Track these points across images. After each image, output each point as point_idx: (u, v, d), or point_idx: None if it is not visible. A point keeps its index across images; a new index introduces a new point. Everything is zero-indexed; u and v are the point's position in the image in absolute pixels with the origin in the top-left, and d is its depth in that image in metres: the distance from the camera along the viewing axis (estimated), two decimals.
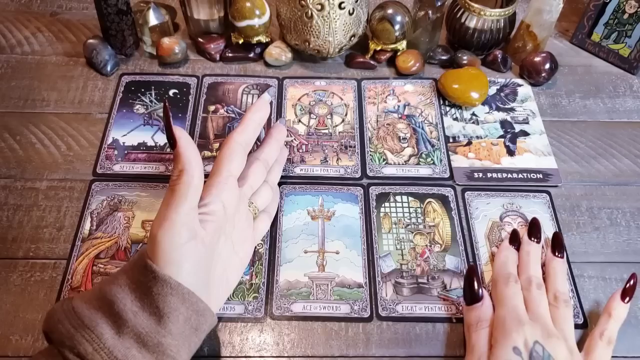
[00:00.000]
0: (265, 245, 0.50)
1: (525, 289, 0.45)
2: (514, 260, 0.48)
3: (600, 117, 0.62)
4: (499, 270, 0.47)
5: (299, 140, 0.58)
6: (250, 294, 0.47)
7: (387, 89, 0.63)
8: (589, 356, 0.42)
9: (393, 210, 0.53)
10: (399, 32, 0.62)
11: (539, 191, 0.55)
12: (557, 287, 0.45)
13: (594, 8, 0.66)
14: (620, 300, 0.44)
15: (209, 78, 0.64)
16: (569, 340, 0.41)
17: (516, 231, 0.50)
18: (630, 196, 0.55)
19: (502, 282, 0.45)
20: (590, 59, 0.68)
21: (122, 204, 0.52)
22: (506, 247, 0.49)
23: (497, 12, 0.62)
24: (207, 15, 0.65)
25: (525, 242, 0.49)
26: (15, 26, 0.69)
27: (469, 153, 0.58)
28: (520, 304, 0.43)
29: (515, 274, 0.46)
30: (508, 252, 0.48)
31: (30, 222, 0.51)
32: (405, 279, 0.48)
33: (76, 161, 0.55)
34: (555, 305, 0.44)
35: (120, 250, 0.49)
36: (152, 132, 0.58)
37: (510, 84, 0.64)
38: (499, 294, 0.45)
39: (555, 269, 0.47)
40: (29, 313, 0.45)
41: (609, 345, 0.42)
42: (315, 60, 0.66)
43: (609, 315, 0.43)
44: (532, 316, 0.42)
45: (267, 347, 0.45)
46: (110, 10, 0.60)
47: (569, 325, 0.43)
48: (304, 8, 0.58)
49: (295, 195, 0.54)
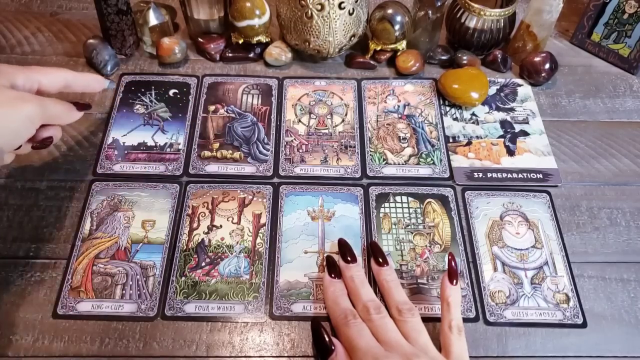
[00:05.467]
0: (265, 245, 0.50)
1: (366, 319, 0.42)
2: (343, 291, 0.45)
3: (600, 117, 0.62)
4: (333, 311, 0.44)
5: (299, 140, 0.58)
6: (250, 294, 0.47)
7: (387, 89, 0.63)
8: (449, 354, 0.41)
9: (393, 210, 0.53)
10: (399, 32, 0.62)
11: (539, 191, 0.55)
12: (395, 299, 0.44)
13: (593, 8, 0.66)
14: (450, 284, 0.43)
15: (209, 78, 0.64)
16: (429, 352, 0.40)
17: (330, 258, 0.47)
18: (630, 196, 0.55)
19: (342, 323, 0.42)
20: (590, 59, 0.68)
21: (122, 204, 0.52)
22: (329, 282, 0.46)
23: (497, 12, 0.62)
24: (207, 15, 0.65)
25: (344, 267, 0.47)
26: (15, 26, 0.69)
27: (469, 153, 0.58)
28: (370, 340, 0.41)
29: (351, 308, 0.43)
30: (334, 287, 0.45)
31: (31, 222, 0.51)
32: (405, 280, 0.48)
33: (76, 161, 0.55)
34: (401, 319, 0.42)
35: (120, 250, 0.49)
36: (152, 132, 0.58)
37: (510, 84, 0.64)
38: (344, 338, 0.42)
39: (387, 280, 0.46)
40: (29, 313, 0.45)
41: (461, 333, 0.41)
42: (315, 60, 0.66)
43: (447, 304, 0.43)
44: (385, 346, 0.40)
45: (267, 347, 0.45)
46: (110, 10, 0.60)
47: (422, 335, 0.41)
48: (304, 8, 0.58)
49: (295, 196, 0.54)
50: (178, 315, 0.46)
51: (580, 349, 0.45)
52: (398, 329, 0.42)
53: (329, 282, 0.46)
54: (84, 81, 0.51)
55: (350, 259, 0.47)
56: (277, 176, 0.55)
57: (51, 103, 0.46)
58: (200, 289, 0.47)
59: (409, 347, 0.40)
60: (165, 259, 0.49)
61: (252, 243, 0.50)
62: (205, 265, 0.49)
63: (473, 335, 0.46)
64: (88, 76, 0.52)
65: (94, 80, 0.51)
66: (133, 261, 0.49)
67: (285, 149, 0.57)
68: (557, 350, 0.45)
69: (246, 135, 0.58)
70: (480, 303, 0.47)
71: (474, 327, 0.46)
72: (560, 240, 0.51)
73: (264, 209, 0.52)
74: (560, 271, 0.49)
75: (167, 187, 0.54)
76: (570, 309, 0.47)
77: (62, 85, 0.48)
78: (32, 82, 0.45)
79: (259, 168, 0.56)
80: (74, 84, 0.49)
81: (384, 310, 0.43)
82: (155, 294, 0.47)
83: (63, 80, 0.48)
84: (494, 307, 0.47)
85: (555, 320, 0.46)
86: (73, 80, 0.49)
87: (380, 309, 0.43)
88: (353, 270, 0.46)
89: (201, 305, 0.46)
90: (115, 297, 0.47)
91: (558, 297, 0.48)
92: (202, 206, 0.52)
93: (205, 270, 0.48)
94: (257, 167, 0.56)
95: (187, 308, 0.46)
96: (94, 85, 0.52)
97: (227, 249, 0.50)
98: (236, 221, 0.52)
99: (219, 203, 0.53)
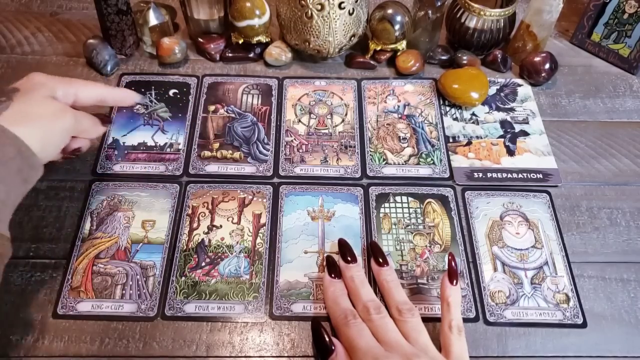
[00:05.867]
0: (265, 245, 0.50)
1: (366, 319, 0.42)
2: (343, 291, 0.45)
3: (600, 117, 0.62)
4: (333, 312, 0.44)
5: (299, 140, 0.58)
6: (250, 294, 0.47)
7: (387, 89, 0.63)
8: (449, 354, 0.41)
9: (393, 210, 0.53)
10: (399, 32, 0.62)
11: (539, 191, 0.55)
12: (395, 299, 0.44)
13: (594, 8, 0.66)
14: (450, 285, 0.43)
15: (209, 78, 0.64)
16: (429, 352, 0.40)
17: (330, 258, 0.47)
18: (630, 196, 0.55)
19: (342, 323, 0.42)
20: (590, 59, 0.68)
21: (122, 204, 0.52)
22: (329, 282, 0.46)
23: (497, 12, 0.62)
24: (207, 15, 0.65)
25: (344, 267, 0.47)
26: (15, 26, 0.69)
27: (469, 153, 0.58)
28: (370, 340, 0.41)
29: (351, 308, 0.44)
30: (334, 287, 0.45)
31: (31, 222, 0.51)
32: (405, 280, 0.48)
33: (76, 161, 0.55)
34: (401, 319, 0.42)
35: (120, 250, 0.49)
36: (152, 132, 0.58)
37: (510, 84, 0.64)
38: (344, 338, 0.42)
39: (387, 280, 0.46)
40: (29, 313, 0.45)
41: (460, 333, 0.42)
42: (315, 60, 0.66)
43: (447, 304, 0.43)
44: (385, 346, 0.40)
45: (267, 347, 0.45)
46: (110, 10, 0.60)
47: (423, 335, 0.42)
48: (304, 8, 0.58)
49: (295, 196, 0.54)
50: (178, 315, 0.46)
51: (580, 349, 0.45)
52: (398, 329, 0.42)
53: (329, 282, 0.46)
54: (118, 96, 0.53)
55: (350, 259, 0.47)
56: (277, 176, 0.55)
57: (83, 117, 0.47)
58: (200, 289, 0.47)
59: (409, 347, 0.40)
60: (165, 259, 0.49)
61: (252, 243, 0.50)
62: (205, 265, 0.49)
63: (473, 335, 0.46)
64: (122, 92, 0.54)
65: (127, 95, 0.53)
66: (133, 261, 0.49)
67: (285, 149, 0.57)
68: (557, 350, 0.45)
69: (246, 135, 0.58)
70: (480, 303, 0.47)
71: (474, 327, 0.46)
72: (560, 240, 0.51)
73: (264, 209, 0.52)
74: (560, 271, 0.49)
75: (167, 187, 0.54)
76: (570, 309, 0.47)
77: (97, 100, 0.49)
78: (70, 95, 0.46)
79: (259, 168, 0.56)
80: (108, 98, 0.51)
81: (384, 310, 0.43)
82: (155, 294, 0.47)
83: (99, 95, 0.49)
84: (494, 307, 0.47)
85: (555, 320, 0.46)
86: (108, 95, 0.50)
87: (380, 309, 0.43)
88: (353, 270, 0.46)
89: (201, 305, 0.46)
90: (115, 297, 0.47)
91: (558, 297, 0.48)
92: (202, 206, 0.52)
93: (205, 270, 0.48)
94: (257, 167, 0.56)
95: (187, 308, 0.46)
96: (127, 101, 0.53)
97: (227, 249, 0.50)
98: (236, 221, 0.52)
99: (219, 203, 0.53)
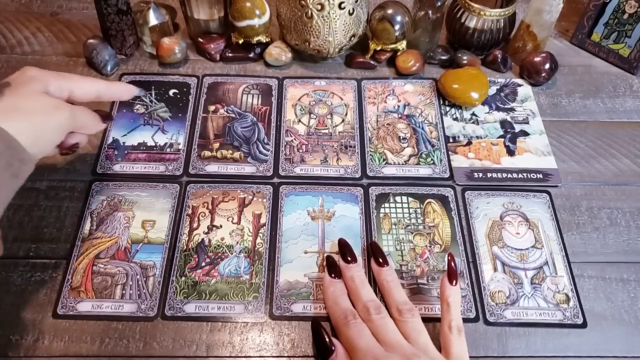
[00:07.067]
0: (265, 245, 0.50)
1: (366, 319, 0.42)
2: (343, 291, 0.45)
3: (600, 117, 0.62)
4: (333, 312, 0.44)
5: (299, 140, 0.58)
6: (250, 294, 0.47)
7: (387, 89, 0.63)
8: (449, 354, 0.41)
9: (393, 210, 0.53)
10: (399, 32, 0.62)
11: (539, 191, 0.55)
12: (396, 300, 0.44)
13: (594, 8, 0.66)
14: (450, 285, 0.43)
15: (209, 78, 0.64)
16: (429, 352, 0.40)
17: (330, 258, 0.47)
18: (630, 196, 0.55)
19: (342, 323, 0.42)
20: (590, 59, 0.68)
21: (122, 204, 0.52)
22: (329, 282, 0.46)
23: (497, 12, 0.62)
24: (207, 15, 0.65)
25: (344, 267, 0.47)
26: (16, 26, 0.69)
27: (469, 153, 0.58)
28: (370, 340, 0.41)
29: (351, 308, 0.43)
30: (334, 287, 0.45)
31: (31, 222, 0.51)
32: (405, 280, 0.48)
33: (76, 161, 0.55)
34: (401, 319, 0.42)
35: (120, 250, 0.49)
36: (152, 132, 0.58)
37: (510, 84, 0.64)
38: (344, 338, 0.42)
39: (387, 280, 0.46)
40: (29, 313, 0.45)
41: (460, 333, 0.41)
42: (315, 60, 0.66)
43: (447, 304, 0.43)
44: (385, 346, 0.40)
45: (267, 347, 0.45)
46: (110, 10, 0.60)
47: (423, 335, 0.42)
48: (304, 8, 0.58)
49: (295, 196, 0.54)
50: (178, 315, 0.46)
51: (580, 349, 0.45)
52: (398, 329, 0.42)
53: (329, 282, 0.46)
54: (115, 92, 0.51)
55: (351, 259, 0.47)
56: (277, 176, 0.55)
57: (80, 112, 0.46)
58: (200, 289, 0.47)
59: (409, 347, 0.40)
60: (165, 259, 0.49)
61: (252, 243, 0.50)
62: (205, 265, 0.49)
63: (473, 335, 0.46)
64: (119, 86, 0.53)
65: (124, 90, 0.51)
66: (133, 261, 0.49)
67: (285, 149, 0.57)
68: (557, 351, 0.45)
69: (246, 135, 0.58)
70: (480, 303, 0.47)
71: (474, 327, 0.46)
72: (560, 240, 0.51)
73: (264, 209, 0.52)
74: (560, 271, 0.49)
75: (167, 187, 0.54)
76: (570, 309, 0.47)
77: (94, 96, 0.48)
78: (64, 90, 0.45)
79: (259, 168, 0.56)
80: (106, 94, 0.49)
81: (384, 310, 0.43)
82: (155, 294, 0.47)
83: (95, 91, 0.48)
84: (494, 307, 0.47)
85: (555, 320, 0.46)
86: (105, 91, 0.49)
87: (380, 309, 0.43)
88: (353, 270, 0.46)
89: (201, 305, 0.46)
90: (115, 297, 0.47)
91: (558, 297, 0.48)
92: (202, 206, 0.52)
93: (205, 270, 0.48)
94: (257, 167, 0.56)
95: (187, 308, 0.46)
96: (125, 95, 0.52)
97: (227, 249, 0.50)
98: (236, 221, 0.52)
99: (219, 203, 0.53)
